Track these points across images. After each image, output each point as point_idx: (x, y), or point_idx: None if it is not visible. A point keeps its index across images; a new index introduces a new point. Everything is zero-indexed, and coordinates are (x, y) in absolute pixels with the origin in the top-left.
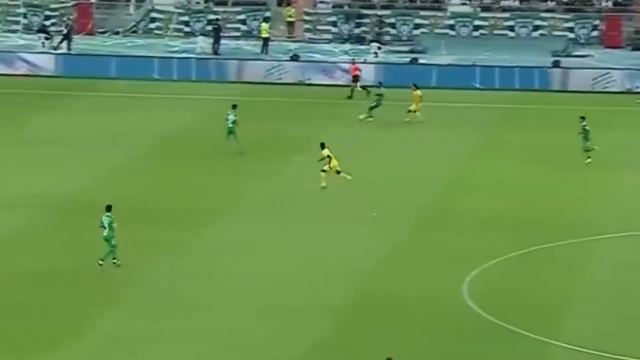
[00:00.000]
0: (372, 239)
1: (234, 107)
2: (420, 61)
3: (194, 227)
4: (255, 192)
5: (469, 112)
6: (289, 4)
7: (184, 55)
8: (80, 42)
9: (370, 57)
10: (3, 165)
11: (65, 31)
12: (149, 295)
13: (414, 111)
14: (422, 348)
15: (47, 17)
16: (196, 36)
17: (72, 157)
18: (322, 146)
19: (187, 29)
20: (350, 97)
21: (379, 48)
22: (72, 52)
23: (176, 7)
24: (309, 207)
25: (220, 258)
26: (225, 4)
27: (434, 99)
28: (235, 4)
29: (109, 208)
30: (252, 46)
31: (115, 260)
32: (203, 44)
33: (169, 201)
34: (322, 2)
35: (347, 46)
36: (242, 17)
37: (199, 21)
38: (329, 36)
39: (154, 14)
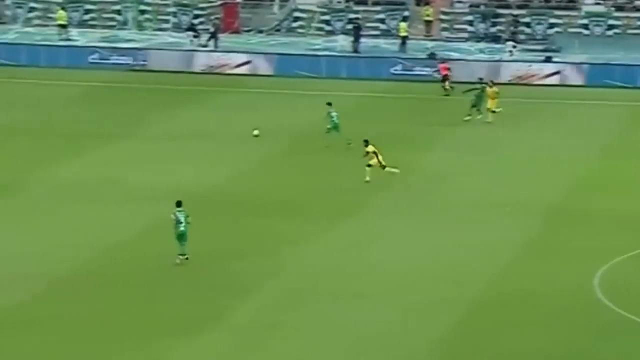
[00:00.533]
0: (503, 236)
1: (330, 104)
2: (555, 59)
3: (330, 221)
4: (389, 188)
5: (601, 111)
6: (427, 4)
7: (325, 53)
8: (227, 40)
9: (506, 56)
10: (151, 158)
11: (212, 29)
12: (285, 285)
13: (492, 110)
14: (553, 341)
15: (196, 16)
16: (337, 35)
17: (218, 151)
18: (366, 143)
19: (328, 28)
20: (447, 95)
21: (514, 47)
22: (218, 49)
23: (318, 7)
24: (442, 205)
25: (356, 251)
26: (365, 3)
27: (567, 97)
28: (375, 4)
29: (179, 204)
30: (390, 44)
31: (185, 256)
32: (343, 42)
33: (307, 195)
34: (459, 2)
35: (482, 45)
36: (381, 16)
37: (339, 20)
38: (465, 35)
39: (297, 13)
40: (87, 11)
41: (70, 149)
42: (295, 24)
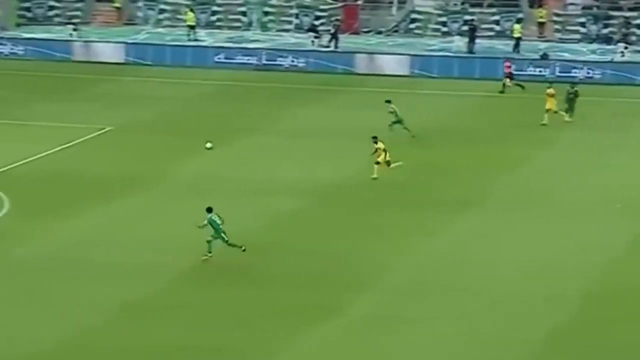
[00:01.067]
0: (612, 231)
1: (389, 101)
2: None
3: (451, 214)
4: (504, 184)
5: None
6: (540, 6)
7: (441, 53)
8: (346, 41)
9: (617, 57)
10: (275, 153)
11: (332, 30)
12: (405, 278)
13: (554, 111)
14: None
15: (317, 17)
16: (453, 36)
17: (339, 147)
18: (375, 139)
19: (444, 29)
20: (502, 92)
21: (626, 48)
22: (338, 50)
23: (435, 9)
24: (553, 199)
25: (475, 244)
26: (480, 5)
27: None
28: (490, 6)
29: (210, 210)
30: (504, 45)
31: (208, 255)
32: (459, 43)
33: (423, 190)
34: (572, 4)
35: (594, 46)
36: (496, 17)
37: (455, 22)
38: (578, 36)
39: (414, 15)
40: (214, 13)
41: (196, 145)
42: (412, 25)
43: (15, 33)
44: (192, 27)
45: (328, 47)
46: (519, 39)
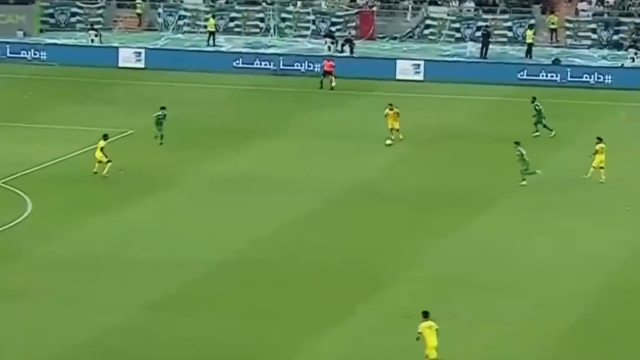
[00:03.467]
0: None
1: (535, 98)
2: None
3: (477, 212)
4: (533, 181)
5: None
6: (552, 12)
7: (454, 59)
8: (362, 47)
9: (627, 62)
10: (297, 155)
11: (348, 36)
12: (431, 275)
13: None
14: None
15: (333, 24)
16: (466, 41)
17: (361, 148)
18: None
19: (458, 35)
20: None
21: (636, 53)
22: (354, 55)
23: (448, 15)
24: (580, 197)
25: (502, 242)
26: (494, 11)
27: None
28: (503, 12)
29: None
30: (517, 51)
31: None
32: (472, 48)
33: (450, 187)
34: (583, 11)
35: (605, 52)
36: (508, 24)
37: (469, 27)
38: (589, 42)
39: (428, 21)
40: (233, 19)
41: (219, 146)
42: (427, 31)
43: (39, 39)
44: (212, 34)
45: (343, 52)
46: (531, 44)
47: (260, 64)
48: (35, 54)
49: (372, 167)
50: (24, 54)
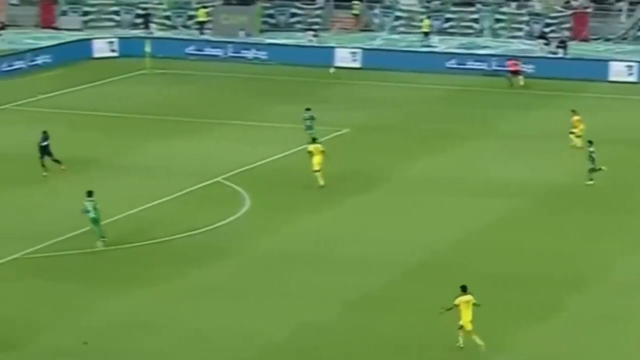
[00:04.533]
0: None
1: None
2: None
3: None
4: None
5: None
6: None
7: None
8: (575, 48)
9: None
10: (503, 155)
11: (562, 38)
12: (624, 276)
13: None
14: None
15: (547, 25)
16: None
17: (555, 151)
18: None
19: None
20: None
21: None
22: (567, 56)
23: None
24: None
25: None
26: None
27: None
28: None
29: (90, 194)
30: None
31: (102, 239)
32: None
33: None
34: None
35: None
36: None
37: None
38: None
39: None
40: (447, 20)
41: (428, 145)
42: None
43: (259, 39)
44: (426, 34)
45: (556, 53)
46: None
47: (473, 65)
48: (255, 54)
49: (571, 169)
50: (244, 53)
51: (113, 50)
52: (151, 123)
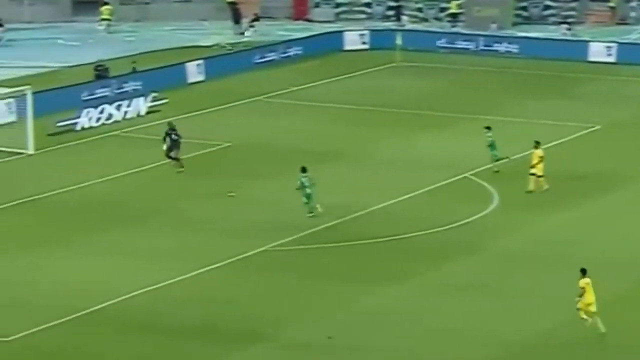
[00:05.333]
0: None
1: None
2: None
3: None
4: None
5: None
6: None
7: None
8: None
9: None
10: None
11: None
12: None
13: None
14: None
15: None
16: None
17: None
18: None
19: None
20: None
21: None
22: None
23: None
24: None
25: None
26: None
27: None
28: None
29: (304, 169)
30: None
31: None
32: None
33: None
34: None
35: None
36: None
37: None
38: None
39: None
40: None
41: None
42: None
43: (511, 32)
44: None
45: None
46: None
47: None
48: (507, 47)
49: None
50: (496, 46)
51: (364, 43)
52: (400, 116)
